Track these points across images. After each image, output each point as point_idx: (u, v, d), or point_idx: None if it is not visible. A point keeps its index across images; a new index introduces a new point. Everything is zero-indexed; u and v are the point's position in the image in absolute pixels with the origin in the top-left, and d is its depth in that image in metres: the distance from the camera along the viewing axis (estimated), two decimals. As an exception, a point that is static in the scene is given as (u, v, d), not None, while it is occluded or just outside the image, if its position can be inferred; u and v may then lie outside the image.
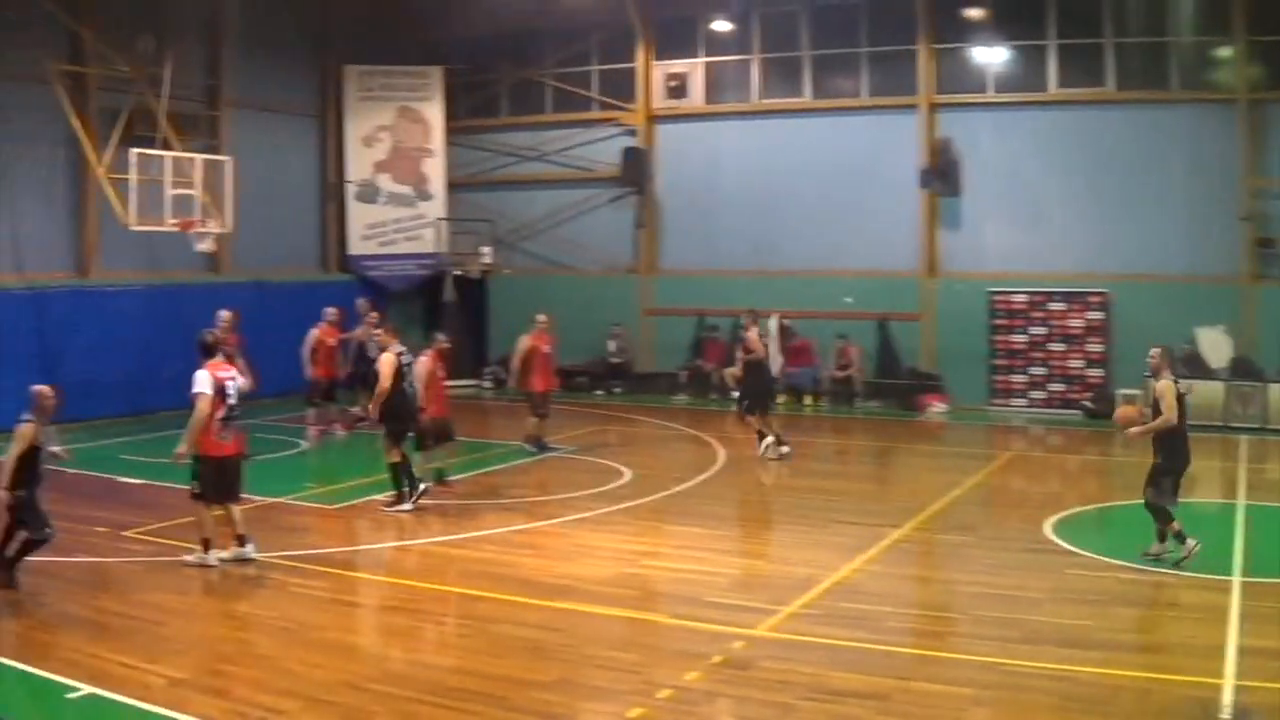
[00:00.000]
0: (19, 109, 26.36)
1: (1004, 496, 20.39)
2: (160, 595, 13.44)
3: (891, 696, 10.12)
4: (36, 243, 27.06)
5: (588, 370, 33.24)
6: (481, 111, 36.61)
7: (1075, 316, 28.77)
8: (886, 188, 30.63)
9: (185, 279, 29.46)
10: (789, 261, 31.82)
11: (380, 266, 35.03)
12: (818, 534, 16.55)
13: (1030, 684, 10.44)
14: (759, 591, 13.65)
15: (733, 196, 32.73)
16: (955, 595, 13.71)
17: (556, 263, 35.53)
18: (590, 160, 34.78)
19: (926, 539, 16.48)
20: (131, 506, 18.35)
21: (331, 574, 14.36)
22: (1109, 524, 17.80)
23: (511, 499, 18.95)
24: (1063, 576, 14.03)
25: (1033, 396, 29.23)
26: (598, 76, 34.92)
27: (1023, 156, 29.27)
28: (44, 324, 26.27)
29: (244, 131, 31.52)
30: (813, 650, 11.31)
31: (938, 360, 30.00)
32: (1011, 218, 29.58)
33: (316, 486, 20.10)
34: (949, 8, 29.92)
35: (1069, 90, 28.75)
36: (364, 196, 35.01)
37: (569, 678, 10.83)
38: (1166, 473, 14.84)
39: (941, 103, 30.10)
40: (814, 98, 31.97)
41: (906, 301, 30.41)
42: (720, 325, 32.29)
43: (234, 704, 10.11)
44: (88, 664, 11.05)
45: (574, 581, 14.06)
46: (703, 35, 33.37)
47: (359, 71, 34.95)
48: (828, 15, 31.43)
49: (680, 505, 18.81)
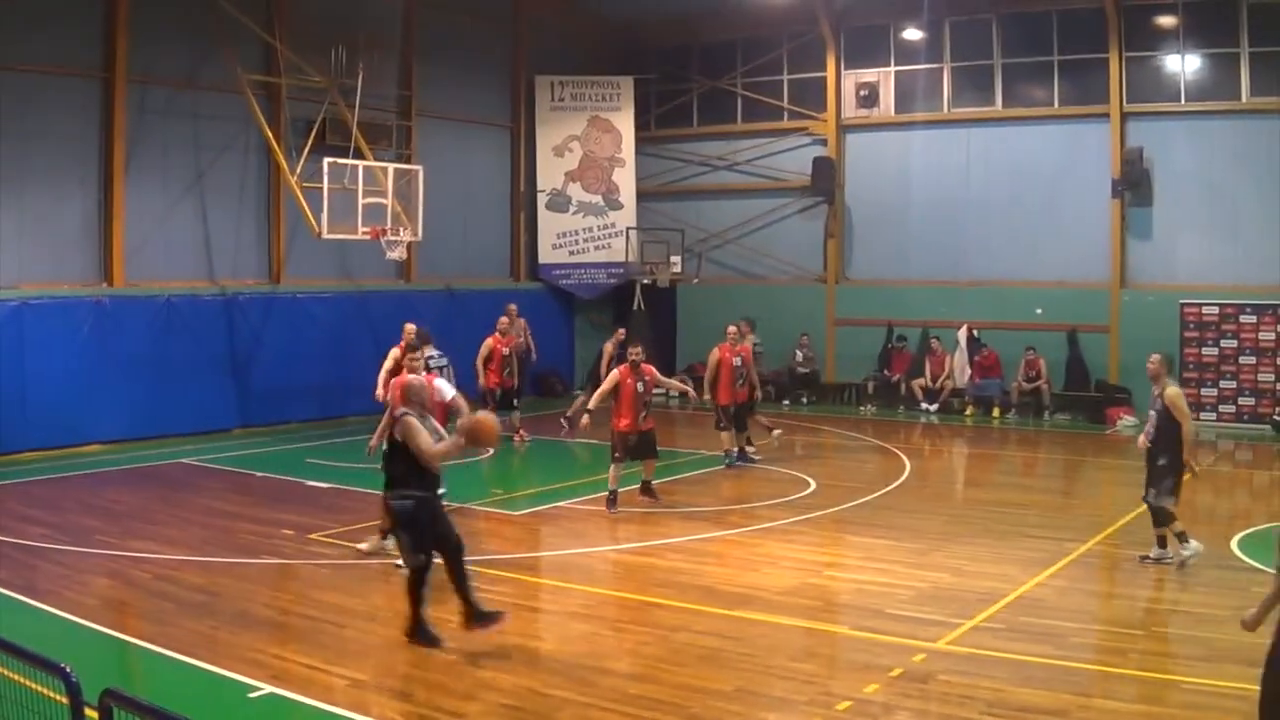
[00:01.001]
0: (212, 119, 27.19)
1: (1190, 512, 20.01)
2: (343, 598, 13.72)
3: (1072, 713, 10.07)
4: (229, 249, 27.86)
5: (775, 380, 33.30)
6: (671, 121, 36.87)
7: (1266, 329, 28.22)
8: (1076, 197, 30.31)
9: (375, 286, 30.11)
10: (977, 272, 31.66)
11: (570, 275, 35.47)
12: (1002, 547, 16.46)
13: (1213, 704, 10.29)
14: (941, 604, 13.61)
15: (922, 206, 32.61)
16: (1138, 612, 13.59)
17: (745, 272, 35.67)
18: (779, 169, 34.86)
19: (1111, 554, 16.31)
20: (318, 510, 18.83)
21: (514, 579, 14.59)
22: (1299, 541, 17.47)
23: (697, 508, 19.06)
24: (1248, 594, 13.73)
25: (1222, 410, 28.73)
26: (788, 85, 34.97)
27: (1214, 166, 28.73)
28: (235, 329, 27.07)
29: (435, 141, 32.17)
30: (994, 665, 11.28)
31: (1127, 373, 29.57)
32: (1202, 228, 29.06)
33: (501, 493, 20.42)
34: (1139, 16, 29.47)
35: (1262, 99, 28.09)
36: (554, 205, 35.46)
37: (748, 687, 10.86)
38: (1169, 473, 15.33)
39: (1132, 111, 29.66)
40: (1004, 106, 31.70)
41: (1096, 313, 30.04)
42: (908, 336, 32.21)
43: (415, 707, 10.28)
44: (270, 664, 11.28)
45: (756, 591, 14.15)
46: (893, 44, 33.23)
47: (550, 81, 35.40)
48: (1018, 24, 31.14)
49: (864, 516, 18.82)
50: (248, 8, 26.59)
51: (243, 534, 17.03)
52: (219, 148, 27.43)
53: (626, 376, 18.99)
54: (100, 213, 25.36)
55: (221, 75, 26.50)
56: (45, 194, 24.41)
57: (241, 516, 18.34)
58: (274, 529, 17.32)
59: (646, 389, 19.13)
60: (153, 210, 26.23)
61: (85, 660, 8.28)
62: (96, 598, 13.66)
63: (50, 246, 24.53)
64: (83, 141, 25.04)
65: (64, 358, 23.82)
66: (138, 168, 25.81)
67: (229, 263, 27.76)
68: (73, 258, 25.02)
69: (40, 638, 10.19)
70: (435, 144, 32.11)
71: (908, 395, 31.91)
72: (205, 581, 14.34)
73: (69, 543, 16.28)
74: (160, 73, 26.12)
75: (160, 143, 26.29)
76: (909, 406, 31.80)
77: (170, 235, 26.61)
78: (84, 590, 13.88)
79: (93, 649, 11.80)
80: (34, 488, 20.47)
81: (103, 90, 25.18)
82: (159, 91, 26.18)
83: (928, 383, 31.54)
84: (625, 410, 18.83)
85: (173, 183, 26.65)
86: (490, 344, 25.21)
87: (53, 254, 24.58)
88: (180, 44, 26.39)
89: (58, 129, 24.58)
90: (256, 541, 16.51)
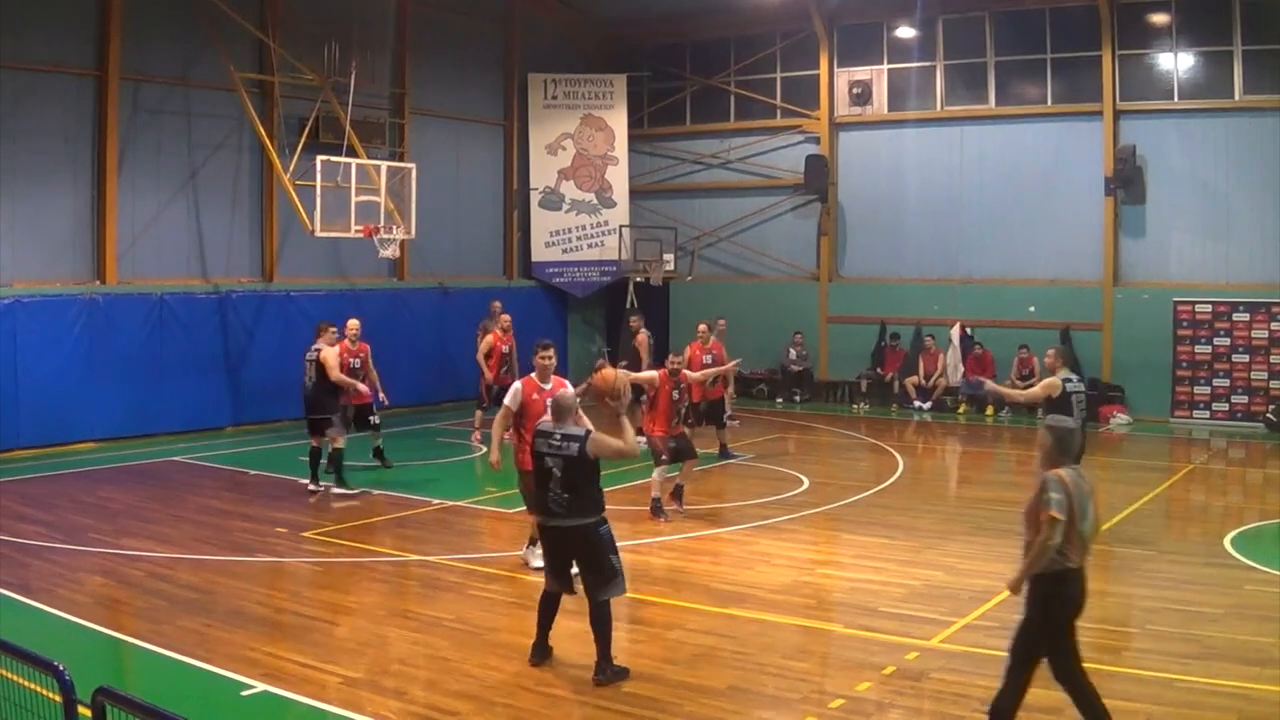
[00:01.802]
0: (205, 117, 27.20)
1: (1184, 510, 20.14)
2: (336, 596, 13.75)
3: (1065, 711, 10.02)
4: (221, 247, 27.83)
5: (768, 378, 33.31)
6: (664, 119, 36.90)
7: (1259, 327, 28.25)
8: (1069, 196, 30.35)
9: (368, 284, 30.13)
10: (971, 270, 31.73)
11: (563, 273, 35.45)
12: (995, 545, 16.46)
13: (1207, 701, 10.32)
14: (934, 602, 13.63)
15: (915, 203, 32.67)
16: (1132, 610, 13.56)
17: (738, 270, 35.69)
18: (772, 167, 34.89)
19: (1105, 552, 16.26)
20: (311, 508, 18.90)
21: (508, 577, 14.60)
22: (1292, 540, 17.53)
23: (690, 506, 19.02)
24: (1242, 592, 13.86)
25: (1215, 409, 28.78)
26: (781, 83, 35.00)
27: (1208, 164, 28.76)
28: (228, 328, 27.07)
29: (428, 139, 32.17)
30: (987, 663, 11.25)
31: (1120, 371, 29.65)
32: (1196, 226, 29.11)
33: (495, 490, 20.44)
34: (1132, 14, 29.49)
35: (1256, 97, 28.11)
36: (547, 203, 35.44)
37: (742, 685, 10.88)
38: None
39: (1125, 109, 29.68)
40: (997, 104, 31.71)
41: (1089, 311, 30.08)
42: (902, 334, 32.25)
43: (408, 705, 10.27)
44: (263, 662, 11.30)
45: (749, 589, 14.18)
46: (886, 42, 33.25)
47: (543, 79, 35.40)
48: (1011, 21, 31.15)
49: (858, 514, 18.87)
50: (241, 5, 26.60)
51: (236, 532, 17.03)
52: (212, 146, 27.42)
53: (665, 383, 18.72)
54: (93, 210, 25.32)
55: (214, 73, 26.47)
56: (38, 192, 24.38)
57: (234, 515, 18.34)
58: (267, 527, 17.34)
59: (683, 398, 19.02)
60: (145, 208, 26.21)
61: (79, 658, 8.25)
62: (90, 596, 13.65)
63: (43, 244, 24.50)
64: (75, 139, 25.00)
65: (57, 356, 23.81)
66: (131, 166, 25.80)
67: (222, 261, 27.74)
68: (65, 256, 24.99)
69: (34, 636, 10.20)
70: (428, 142, 32.12)
71: (901, 393, 31.93)
72: (198, 580, 14.34)
73: (62, 541, 16.29)
74: (153, 71, 26.10)
75: (153, 141, 26.27)
76: (902, 404, 31.82)
77: (163, 233, 26.58)
78: (77, 588, 13.88)
79: (86, 647, 11.79)
80: (27, 486, 20.44)
81: (95, 88, 25.14)
82: (152, 89, 26.16)
83: (921, 380, 31.56)
84: (660, 418, 18.66)
85: (166, 181, 26.60)
86: (491, 341, 25.21)
87: (45, 252, 24.55)
88: (173, 42, 26.37)
89: (50, 127, 24.55)
90: (249, 540, 16.52)
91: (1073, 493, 8.95)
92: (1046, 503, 8.88)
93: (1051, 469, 9.10)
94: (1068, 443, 9.30)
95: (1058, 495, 8.88)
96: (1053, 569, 9.00)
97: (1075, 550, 9.05)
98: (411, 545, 16.36)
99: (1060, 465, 9.13)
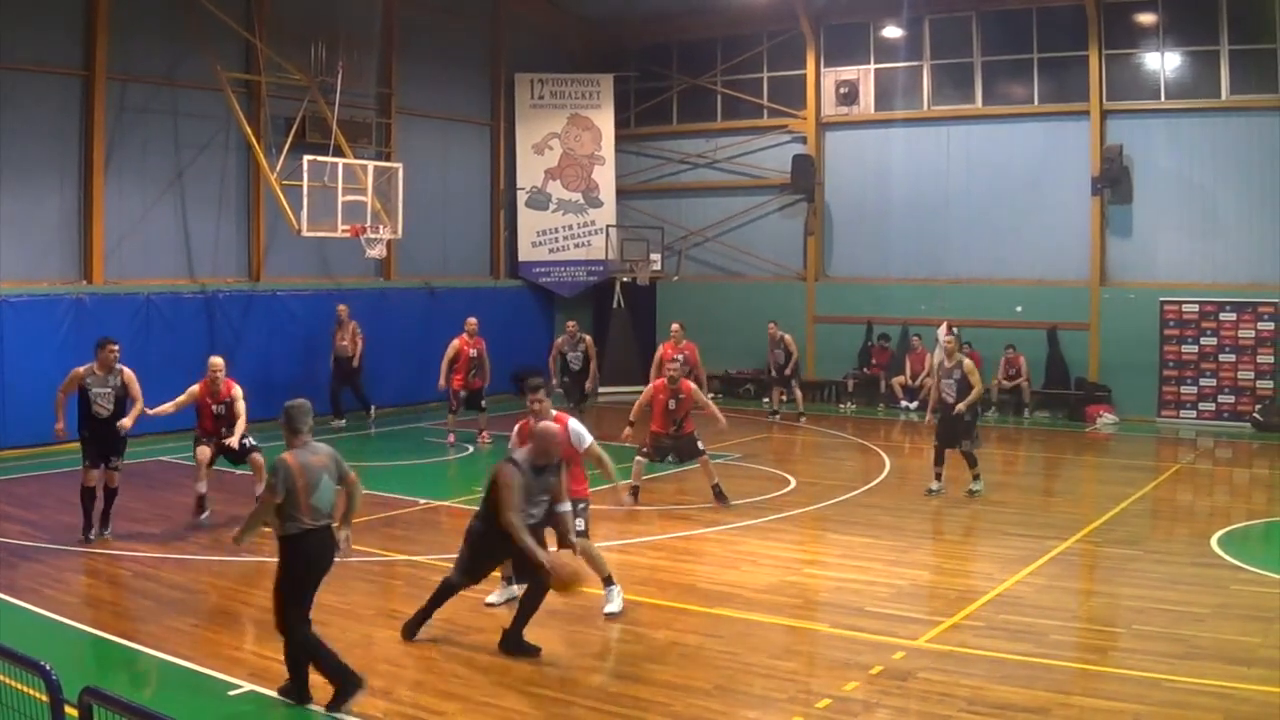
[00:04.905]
0: (192, 116, 27.13)
1: (1170, 509, 20.15)
2: (323, 596, 13.59)
3: (1051, 711, 10.09)
4: (208, 247, 27.78)
5: (755, 378, 33.32)
6: (651, 118, 36.90)
7: (1246, 327, 28.30)
8: (1056, 195, 30.37)
9: (355, 284, 30.11)
10: (958, 269, 31.75)
11: (550, 273, 35.44)
12: (981, 545, 16.51)
13: (1193, 701, 10.33)
14: (920, 602, 13.69)
15: (902, 203, 32.67)
16: (1119, 609, 13.59)
17: (725, 270, 35.69)
18: (759, 167, 34.90)
19: (1091, 552, 16.35)
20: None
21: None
22: (1277, 539, 17.55)
23: (675, 505, 19.06)
24: (1228, 592, 13.88)
25: (1202, 408, 28.82)
26: (767, 83, 35.00)
27: (1195, 164, 28.79)
28: (215, 327, 26.97)
29: (415, 138, 32.15)
30: (973, 663, 11.32)
31: (1107, 371, 29.69)
32: (1183, 226, 29.12)
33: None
34: (1119, 14, 29.51)
35: (1242, 97, 28.15)
36: (534, 203, 35.43)
37: (728, 685, 10.89)
38: (973, 425, 20.33)
39: (1112, 109, 29.72)
40: (984, 104, 31.74)
41: (1076, 311, 30.11)
42: (890, 333, 32.28)
43: (395, 704, 10.28)
44: (250, 661, 11.34)
45: (736, 589, 14.18)
46: (873, 42, 33.26)
47: (530, 79, 35.39)
48: (998, 21, 31.17)
49: (844, 514, 18.87)
50: (227, 5, 26.50)
51: (222, 531, 16.99)
52: (199, 145, 27.36)
53: (660, 392, 19.31)
54: (80, 210, 25.26)
55: (201, 73, 26.39)
56: (24, 191, 24.30)
57: (221, 514, 18.29)
58: (254, 526, 17.29)
59: (680, 407, 19.22)
60: (132, 208, 26.15)
61: (65, 658, 8.27)
62: (76, 595, 13.67)
63: (29, 244, 24.42)
64: (62, 139, 24.94)
65: (43, 356, 23.68)
66: (117, 165, 25.74)
67: (209, 260, 27.68)
68: (52, 255, 24.93)
69: (20, 636, 10.20)
70: (415, 142, 32.09)
71: (888, 393, 31.94)
72: (185, 579, 14.36)
73: (48, 540, 16.30)
74: (140, 70, 26.04)
75: (140, 140, 26.21)
76: (889, 404, 31.82)
77: (150, 233, 26.52)
78: (64, 588, 13.88)
79: (73, 647, 11.79)
80: (13, 486, 20.43)
81: (82, 88, 25.07)
82: (139, 89, 26.10)
83: (908, 380, 31.55)
84: (657, 418, 19.06)
85: (152, 180, 26.54)
86: (457, 345, 25.14)
87: (32, 252, 24.47)
88: (160, 42, 26.31)
89: (37, 126, 24.48)
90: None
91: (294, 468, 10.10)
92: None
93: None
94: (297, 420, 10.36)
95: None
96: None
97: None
98: (398, 545, 16.36)
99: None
